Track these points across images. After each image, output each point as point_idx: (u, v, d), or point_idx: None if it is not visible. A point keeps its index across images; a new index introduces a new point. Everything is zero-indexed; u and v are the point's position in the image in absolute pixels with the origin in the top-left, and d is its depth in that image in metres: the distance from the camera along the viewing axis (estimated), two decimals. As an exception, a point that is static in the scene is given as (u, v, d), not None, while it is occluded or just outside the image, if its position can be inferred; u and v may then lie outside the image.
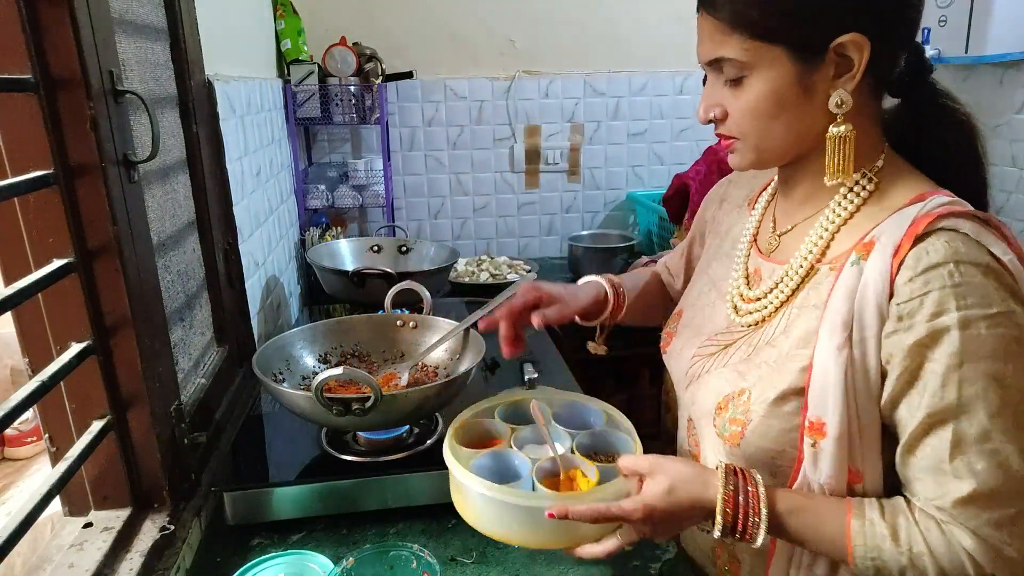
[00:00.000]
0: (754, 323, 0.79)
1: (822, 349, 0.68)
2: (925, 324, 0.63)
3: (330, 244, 1.92)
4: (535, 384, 1.39)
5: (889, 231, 0.67)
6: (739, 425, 0.74)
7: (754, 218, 0.87)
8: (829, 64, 0.68)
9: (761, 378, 0.73)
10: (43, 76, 0.74)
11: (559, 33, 2.43)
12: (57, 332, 0.82)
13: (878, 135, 0.74)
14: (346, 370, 0.90)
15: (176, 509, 0.93)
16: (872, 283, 0.66)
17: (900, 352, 0.65)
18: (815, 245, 0.74)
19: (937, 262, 0.63)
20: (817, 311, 0.70)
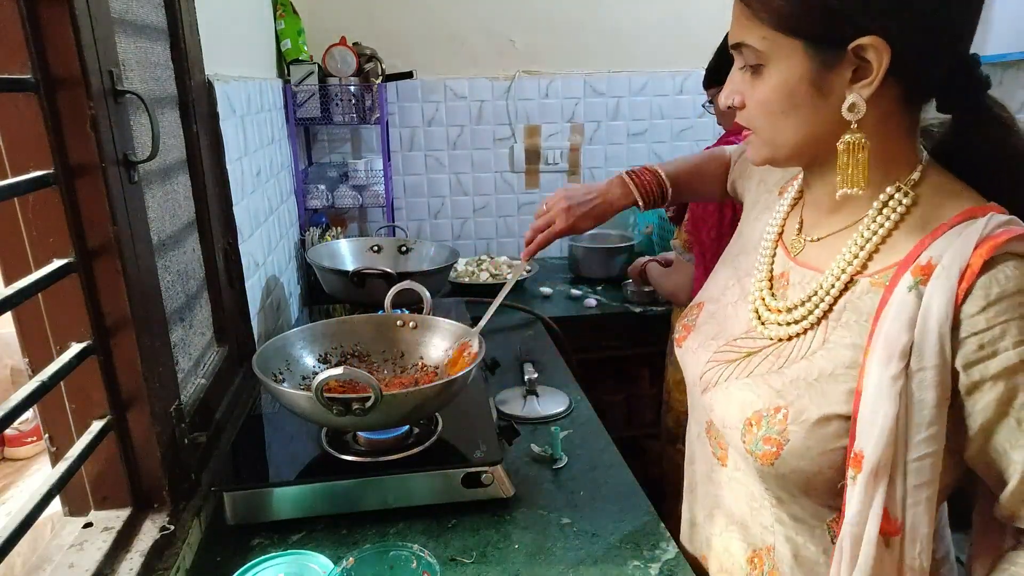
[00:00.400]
0: (783, 338, 0.75)
1: (872, 375, 0.64)
2: (1014, 351, 0.61)
3: (330, 244, 1.92)
4: (535, 384, 1.39)
5: (951, 254, 0.63)
6: (774, 445, 0.71)
7: (781, 212, 0.84)
8: (847, 66, 0.65)
9: (800, 396, 0.70)
10: (43, 76, 0.74)
11: (559, 33, 2.43)
12: (57, 332, 0.82)
13: (912, 147, 0.71)
14: (346, 370, 0.90)
15: (176, 509, 0.93)
16: (935, 310, 0.62)
17: (988, 379, 0.62)
18: (852, 260, 0.71)
19: (1013, 290, 0.61)
20: (859, 328, 0.68)
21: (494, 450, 1.03)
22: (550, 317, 1.84)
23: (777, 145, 0.72)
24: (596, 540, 0.95)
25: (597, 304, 2.11)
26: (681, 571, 0.89)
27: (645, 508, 1.02)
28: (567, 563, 0.90)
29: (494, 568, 0.90)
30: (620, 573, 0.89)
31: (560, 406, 1.33)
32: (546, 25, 2.42)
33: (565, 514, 1.00)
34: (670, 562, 0.90)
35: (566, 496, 1.05)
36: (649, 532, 0.96)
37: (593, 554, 0.92)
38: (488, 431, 1.08)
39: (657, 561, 0.91)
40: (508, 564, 0.90)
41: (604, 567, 0.90)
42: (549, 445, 1.16)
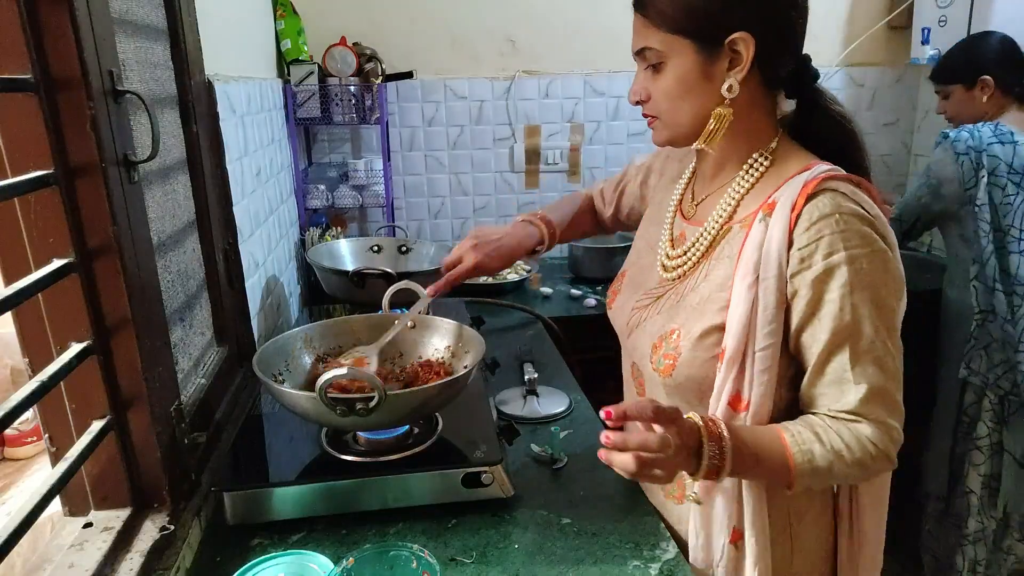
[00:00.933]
0: (678, 276, 0.95)
1: (735, 289, 0.84)
2: (822, 262, 0.80)
3: (330, 244, 1.92)
4: (535, 384, 1.39)
5: (787, 193, 0.84)
6: (671, 359, 0.89)
7: (678, 190, 1.04)
8: (725, 57, 0.84)
9: (688, 318, 0.89)
10: (43, 76, 0.74)
11: (559, 33, 2.43)
12: (57, 332, 0.82)
13: (772, 124, 0.91)
14: (350, 370, 0.90)
15: (176, 509, 0.93)
16: (775, 234, 0.82)
17: (804, 287, 0.81)
18: (725, 209, 0.91)
19: (826, 213, 0.80)
20: (731, 261, 0.87)
21: (494, 450, 1.03)
22: (550, 317, 1.84)
23: (677, 125, 0.90)
24: (596, 540, 0.95)
25: (597, 304, 2.11)
26: (681, 571, 0.89)
27: (645, 508, 1.02)
28: (567, 563, 0.90)
29: (494, 568, 0.90)
30: (620, 573, 0.89)
31: (560, 406, 1.33)
32: (546, 25, 2.42)
33: (565, 514, 1.00)
34: (670, 562, 0.90)
35: (566, 496, 1.05)
36: (649, 532, 0.96)
37: (593, 554, 0.92)
38: (488, 431, 1.08)
39: (657, 561, 0.91)
40: (508, 564, 0.90)
41: (604, 567, 0.90)
42: (549, 445, 1.16)
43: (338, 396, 0.91)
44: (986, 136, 1.76)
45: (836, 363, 0.81)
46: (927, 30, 2.36)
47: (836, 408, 0.82)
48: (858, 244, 0.79)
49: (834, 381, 0.82)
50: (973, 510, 1.92)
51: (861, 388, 0.80)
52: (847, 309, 0.79)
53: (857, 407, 0.80)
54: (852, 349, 0.80)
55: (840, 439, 0.80)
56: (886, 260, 0.81)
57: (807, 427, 0.82)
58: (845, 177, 0.84)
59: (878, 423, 0.81)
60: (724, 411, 0.85)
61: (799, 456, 0.80)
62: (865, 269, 0.79)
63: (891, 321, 0.82)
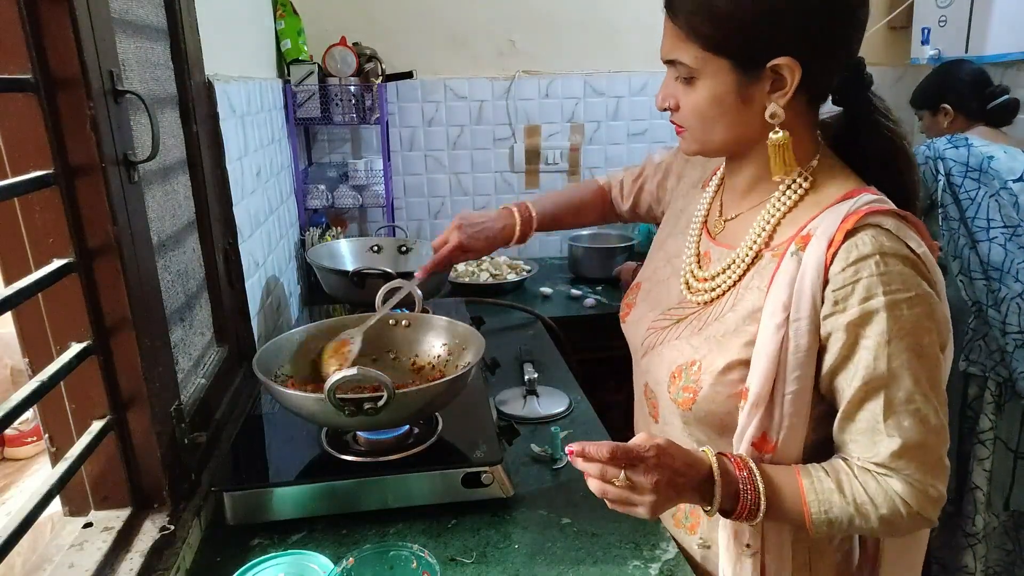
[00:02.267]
0: (705, 302, 0.88)
1: (764, 326, 0.78)
2: (858, 307, 0.74)
3: (330, 244, 1.92)
4: (535, 384, 1.39)
5: (824, 226, 0.77)
6: (691, 392, 0.84)
7: (704, 201, 0.97)
8: (766, 80, 0.77)
9: (711, 351, 0.83)
10: (43, 76, 0.74)
11: (559, 33, 2.43)
12: (57, 332, 0.82)
13: (813, 139, 0.84)
14: (360, 370, 0.90)
15: (176, 509, 0.93)
16: (809, 271, 0.76)
17: (838, 330, 0.75)
18: (759, 235, 0.84)
19: (866, 254, 0.74)
20: (760, 292, 0.81)
21: (494, 450, 1.03)
22: (550, 317, 1.84)
23: (707, 142, 0.85)
24: (596, 540, 0.95)
25: (597, 304, 2.11)
26: (681, 571, 0.89)
27: (645, 508, 1.02)
28: (567, 563, 0.90)
29: (494, 568, 0.90)
30: (620, 573, 0.89)
31: (560, 406, 1.33)
32: (546, 25, 2.42)
33: (565, 514, 1.00)
34: (670, 562, 0.90)
35: (566, 496, 1.05)
36: (649, 532, 0.96)
37: (593, 554, 0.92)
38: (488, 431, 1.08)
39: (657, 561, 0.91)
40: (508, 564, 0.90)
41: (604, 567, 0.90)
42: (549, 445, 1.16)
43: (346, 396, 0.91)
44: (940, 145, 1.88)
45: (868, 412, 0.75)
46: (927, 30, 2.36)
47: (866, 457, 0.76)
48: (899, 288, 0.73)
49: (865, 430, 0.76)
50: (980, 507, 1.92)
51: (894, 442, 0.74)
52: (883, 358, 0.73)
53: (888, 460, 0.75)
54: (887, 399, 0.74)
55: (864, 492, 0.76)
56: (931, 305, 0.74)
57: (832, 474, 0.78)
58: (891, 211, 0.76)
59: (912, 480, 0.75)
60: (748, 451, 0.80)
61: (815, 505, 0.76)
62: (906, 316, 0.73)
63: (934, 372, 0.75)
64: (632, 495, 0.73)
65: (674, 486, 0.74)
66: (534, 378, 1.40)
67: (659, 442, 0.74)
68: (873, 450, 0.76)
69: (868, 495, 0.76)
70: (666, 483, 0.73)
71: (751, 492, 0.76)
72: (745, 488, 0.77)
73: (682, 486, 0.75)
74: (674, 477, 0.74)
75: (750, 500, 0.76)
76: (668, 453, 0.74)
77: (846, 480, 0.77)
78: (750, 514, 0.77)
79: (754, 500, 0.76)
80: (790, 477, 0.78)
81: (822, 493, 0.77)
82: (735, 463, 0.78)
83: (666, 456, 0.73)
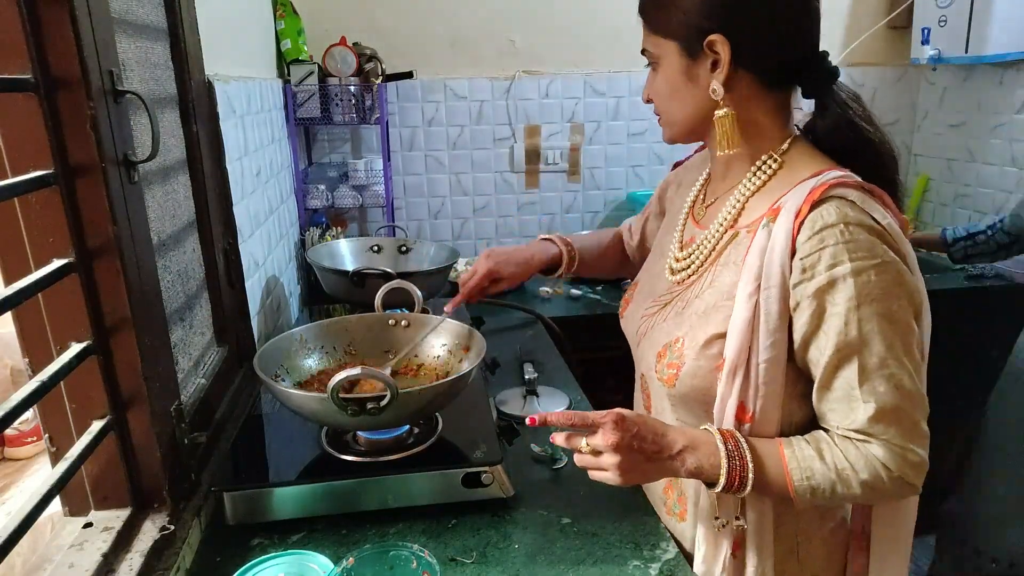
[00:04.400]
0: (682, 280, 0.93)
1: (738, 298, 0.81)
2: (825, 273, 0.76)
3: (330, 244, 1.92)
4: (535, 384, 1.39)
5: (792, 199, 0.80)
6: (674, 368, 0.87)
7: (692, 193, 1.02)
8: (707, 59, 0.83)
9: (692, 327, 0.87)
10: (43, 76, 0.74)
11: (559, 33, 2.43)
12: (57, 332, 0.82)
13: (778, 124, 0.88)
14: (364, 370, 0.90)
15: (176, 509, 0.93)
16: (778, 242, 0.79)
17: (806, 298, 0.78)
18: (729, 213, 0.89)
19: (831, 223, 0.76)
20: (737, 267, 0.84)
21: (494, 450, 1.03)
22: (550, 317, 1.84)
23: (672, 123, 0.91)
24: (596, 540, 0.95)
25: (597, 304, 2.11)
26: (681, 571, 0.89)
27: (645, 508, 1.02)
28: (567, 563, 0.90)
29: (494, 568, 0.90)
30: (620, 573, 0.89)
31: (560, 406, 1.33)
32: (546, 25, 2.42)
33: (565, 514, 1.00)
34: (670, 562, 0.90)
35: (566, 496, 1.05)
36: (649, 532, 0.96)
37: (593, 554, 0.92)
38: (488, 431, 1.08)
39: (657, 561, 0.91)
40: (508, 564, 0.90)
41: (604, 567, 0.90)
42: (549, 445, 1.15)
43: (349, 396, 0.91)
44: None
45: (842, 379, 0.78)
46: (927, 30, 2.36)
47: (844, 425, 0.79)
48: (865, 255, 0.75)
49: (842, 397, 0.78)
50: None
51: (870, 407, 0.76)
52: (852, 324, 0.75)
53: (866, 426, 0.77)
54: (860, 365, 0.76)
55: (845, 458, 0.78)
56: (898, 272, 0.77)
57: (812, 443, 0.80)
58: (856, 184, 0.79)
59: (890, 445, 0.77)
60: (731, 422, 0.83)
61: (796, 472, 0.79)
62: (873, 282, 0.75)
63: (907, 337, 0.77)
64: (598, 460, 0.79)
65: (640, 452, 0.78)
66: (534, 378, 1.40)
67: (620, 411, 0.79)
68: (850, 417, 0.78)
69: (848, 461, 0.78)
70: (626, 446, 0.77)
71: (739, 462, 0.79)
72: (732, 458, 0.79)
73: (651, 453, 0.79)
74: (635, 441, 0.78)
75: (738, 470, 0.78)
76: (628, 419, 0.78)
77: (826, 448, 0.79)
78: (739, 485, 0.79)
79: (741, 470, 0.78)
80: (772, 447, 0.81)
81: (803, 460, 0.79)
82: (722, 434, 0.81)
83: (626, 422, 0.78)
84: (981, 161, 2.39)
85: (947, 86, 2.51)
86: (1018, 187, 2.26)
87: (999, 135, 2.31)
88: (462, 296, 1.17)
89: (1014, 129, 2.26)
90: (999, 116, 2.30)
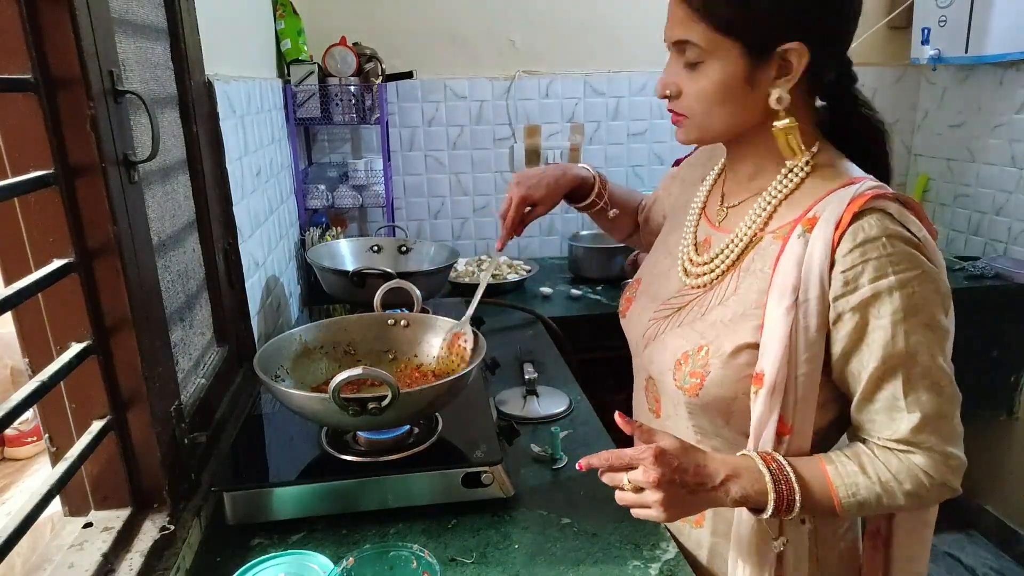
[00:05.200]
0: (703, 285, 0.89)
1: (771, 309, 0.78)
2: (869, 286, 0.75)
3: (330, 244, 1.92)
4: (535, 384, 1.39)
5: (830, 208, 0.78)
6: (698, 377, 0.84)
7: (703, 191, 0.98)
8: (773, 65, 0.78)
9: (718, 335, 0.83)
10: (43, 76, 0.74)
11: (559, 33, 2.43)
12: (57, 332, 0.82)
13: (812, 128, 0.86)
14: (365, 370, 0.90)
15: (176, 509, 0.93)
16: (817, 253, 0.76)
17: (848, 311, 0.76)
18: (758, 216, 0.86)
19: (873, 236, 0.75)
20: (764, 275, 0.81)
21: (494, 450, 1.03)
22: (550, 317, 1.84)
23: (708, 128, 0.85)
24: (596, 540, 0.95)
25: (597, 304, 2.11)
26: (681, 571, 0.89)
27: (645, 508, 1.01)
28: (567, 563, 0.90)
29: (494, 568, 0.90)
30: (620, 573, 0.89)
31: (560, 406, 1.33)
32: (546, 25, 2.42)
33: (565, 514, 1.00)
34: (670, 562, 0.90)
35: (566, 496, 1.05)
36: (649, 532, 0.96)
37: (593, 554, 0.92)
38: (488, 431, 1.08)
39: (657, 561, 0.91)
40: (508, 564, 0.90)
41: (604, 567, 0.90)
42: (549, 445, 1.15)
43: (350, 396, 0.91)
44: None
45: (888, 391, 0.76)
46: (927, 30, 2.36)
47: (886, 436, 0.78)
48: (908, 267, 0.74)
49: (885, 409, 0.77)
50: None
51: (914, 417, 0.75)
52: (900, 336, 0.74)
53: (909, 436, 0.76)
54: (906, 376, 0.75)
55: (887, 470, 0.77)
56: (937, 281, 0.76)
57: (854, 457, 0.79)
58: (893, 196, 0.78)
59: (932, 452, 0.76)
60: (771, 442, 0.80)
61: (842, 489, 0.78)
62: (917, 292, 0.74)
63: (945, 343, 0.77)
64: (641, 496, 0.76)
65: (683, 485, 0.75)
66: (534, 378, 1.40)
67: (660, 444, 0.76)
68: (892, 427, 0.77)
69: (891, 472, 0.77)
70: (668, 481, 0.74)
71: (784, 486, 0.77)
72: (778, 482, 0.77)
73: (693, 486, 0.76)
74: (677, 475, 0.75)
75: (785, 493, 0.77)
76: (669, 453, 0.75)
77: (868, 461, 0.78)
78: (787, 508, 0.77)
79: (789, 493, 0.77)
80: (814, 466, 0.79)
81: (847, 476, 0.78)
82: (764, 459, 0.79)
83: (666, 456, 0.75)
84: (981, 161, 2.39)
85: (947, 86, 2.51)
86: (1018, 187, 2.26)
87: (999, 135, 2.31)
88: (506, 232, 1.11)
89: (1014, 129, 2.26)
90: (999, 116, 2.30)
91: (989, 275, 2.19)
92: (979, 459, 2.42)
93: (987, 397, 2.24)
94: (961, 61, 2.27)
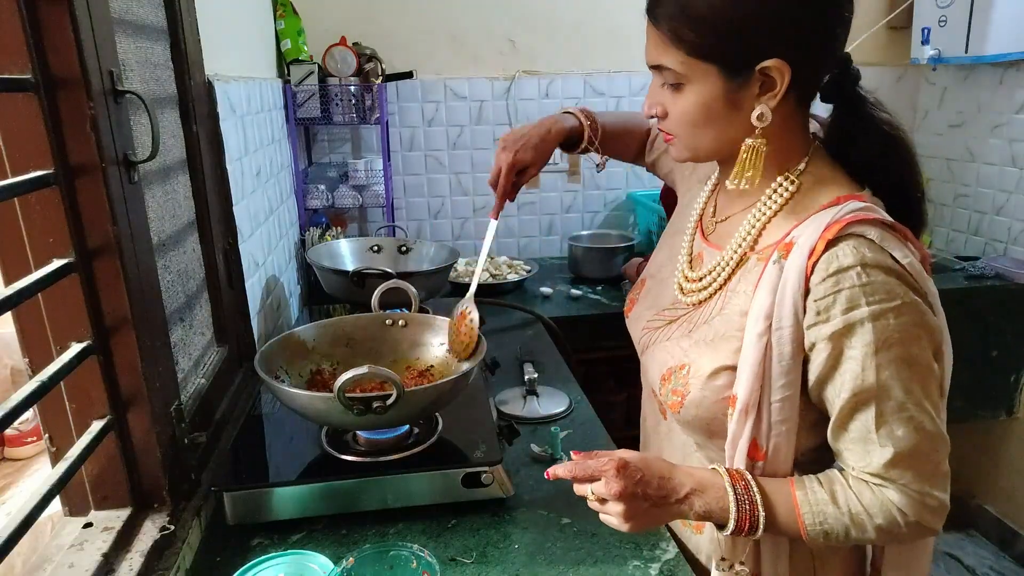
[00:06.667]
0: (695, 303, 0.89)
1: (748, 333, 0.77)
2: (840, 317, 0.72)
3: (330, 244, 1.92)
4: (535, 384, 1.39)
5: (806, 234, 0.75)
6: (679, 396, 0.85)
7: (702, 199, 0.97)
8: (755, 83, 0.75)
9: (700, 355, 0.83)
10: (43, 76, 0.74)
11: (559, 33, 2.43)
12: (57, 332, 0.82)
13: (803, 140, 0.83)
14: (371, 369, 0.90)
15: (176, 509, 0.93)
16: (790, 281, 0.74)
17: (821, 340, 0.74)
18: (744, 239, 0.84)
19: (847, 266, 0.72)
20: (747, 296, 0.80)
21: (494, 450, 1.03)
22: (550, 317, 1.84)
23: (697, 148, 0.84)
24: (596, 540, 0.95)
25: (597, 304, 2.11)
26: (681, 571, 0.89)
27: (645, 508, 1.02)
28: (567, 563, 0.90)
29: (494, 568, 0.90)
30: (620, 573, 0.89)
31: (560, 406, 1.33)
32: (546, 25, 2.42)
33: (565, 514, 1.00)
34: (670, 562, 0.90)
35: (566, 496, 1.05)
36: (649, 532, 0.96)
37: (593, 554, 0.92)
38: (488, 431, 1.08)
39: (657, 561, 0.91)
40: (508, 564, 0.90)
41: (604, 567, 0.90)
42: (549, 445, 1.16)
43: (355, 396, 0.91)
44: None
45: (859, 422, 0.74)
46: (927, 30, 2.36)
47: (860, 467, 0.76)
48: (883, 298, 0.71)
49: (858, 439, 0.75)
50: None
51: (887, 452, 0.73)
52: (870, 370, 0.72)
53: (882, 470, 0.74)
54: (878, 410, 0.73)
55: (859, 503, 0.75)
56: (919, 312, 0.73)
57: (826, 484, 0.77)
58: (875, 221, 0.74)
59: (907, 489, 0.74)
60: (743, 461, 0.80)
61: (808, 517, 0.76)
62: (892, 325, 0.71)
63: (927, 379, 0.73)
64: (604, 507, 0.77)
65: (645, 498, 0.75)
66: (534, 378, 1.40)
67: (622, 455, 0.77)
68: (866, 459, 0.75)
69: (863, 505, 0.75)
70: (630, 494, 0.75)
71: (748, 506, 0.76)
72: (742, 502, 0.76)
73: (656, 499, 0.76)
74: (639, 488, 0.75)
75: (748, 514, 0.76)
76: (631, 465, 0.76)
77: (840, 491, 0.76)
78: (751, 528, 0.76)
79: (752, 514, 0.76)
80: (784, 489, 0.78)
81: (816, 504, 0.76)
82: (731, 476, 0.78)
83: (628, 468, 0.75)
84: (981, 161, 2.39)
85: (947, 86, 2.51)
86: (1018, 187, 2.26)
87: (999, 135, 2.31)
88: (500, 200, 1.09)
89: (1014, 129, 2.26)
90: (999, 116, 2.30)
91: (989, 275, 2.19)
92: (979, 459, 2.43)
93: (987, 397, 2.24)
94: (961, 61, 2.27)
